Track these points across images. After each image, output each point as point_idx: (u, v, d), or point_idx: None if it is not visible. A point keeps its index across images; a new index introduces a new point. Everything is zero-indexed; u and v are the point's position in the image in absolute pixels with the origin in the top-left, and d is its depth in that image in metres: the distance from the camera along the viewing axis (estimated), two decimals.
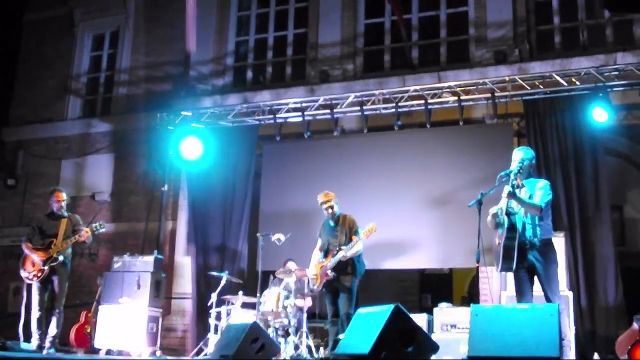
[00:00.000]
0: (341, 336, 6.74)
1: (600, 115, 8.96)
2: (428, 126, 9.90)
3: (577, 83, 9.30)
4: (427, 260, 9.80)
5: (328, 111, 10.33)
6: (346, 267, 7.76)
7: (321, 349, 8.44)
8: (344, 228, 7.91)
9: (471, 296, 11.47)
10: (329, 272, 7.75)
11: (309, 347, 8.25)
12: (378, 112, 10.24)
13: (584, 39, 10.59)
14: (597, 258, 8.95)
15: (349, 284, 7.72)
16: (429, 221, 9.51)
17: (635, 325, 7.01)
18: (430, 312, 8.65)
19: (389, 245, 9.10)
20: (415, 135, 10.20)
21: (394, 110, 9.97)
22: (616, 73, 9.20)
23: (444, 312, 8.51)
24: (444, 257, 9.60)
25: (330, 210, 7.97)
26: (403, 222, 9.18)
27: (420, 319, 8.17)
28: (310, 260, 8.19)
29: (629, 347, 6.83)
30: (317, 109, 10.41)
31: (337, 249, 7.78)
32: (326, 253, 7.96)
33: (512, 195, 5.88)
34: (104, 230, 8.48)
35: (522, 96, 9.69)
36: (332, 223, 8.02)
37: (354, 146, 10.29)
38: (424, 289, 12.99)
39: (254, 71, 12.39)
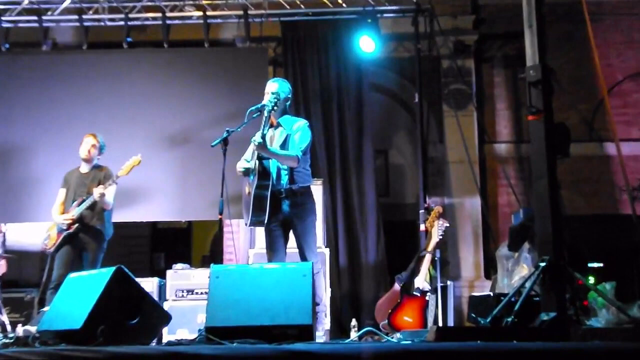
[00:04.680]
0: (47, 308, 6.40)
1: (367, 44, 9.33)
2: (166, 46, 9.78)
3: (344, 5, 9.61)
4: (161, 212, 9.62)
5: (35, 18, 9.75)
6: (94, 225, 7.50)
7: (20, 325, 7.96)
8: (97, 176, 7.67)
9: (214, 255, 11.55)
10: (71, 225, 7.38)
11: (2, 325, 7.77)
12: (102, 23, 9.87)
13: None
14: (358, 210, 9.48)
15: (96, 245, 7.47)
16: (163, 163, 9.34)
17: (396, 286, 7.46)
18: (162, 275, 8.56)
19: (118, 195, 8.75)
20: (150, 57, 9.94)
21: (123, 22, 9.69)
22: None
23: (180, 274, 8.44)
24: (182, 207, 9.49)
25: (87, 154, 7.69)
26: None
27: (149, 284, 8.10)
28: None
29: (390, 311, 7.23)
30: (20, 14, 9.79)
31: (85, 196, 7.44)
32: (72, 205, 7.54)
33: (262, 147, 5.87)
34: None
35: (279, 17, 9.86)
36: (84, 169, 7.70)
37: (70, 65, 9.75)
38: (155, 247, 12.92)
39: None
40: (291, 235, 6.19)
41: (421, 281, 7.30)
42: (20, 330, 7.60)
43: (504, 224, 9.98)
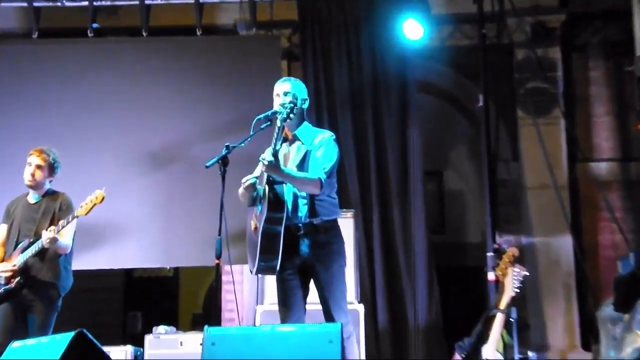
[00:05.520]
0: None
1: (414, 30, 9.33)
2: (145, 34, 9.85)
3: None
4: (138, 256, 9.62)
5: None
6: (44, 278, 7.33)
7: None
8: (51, 207, 7.50)
9: (208, 314, 11.54)
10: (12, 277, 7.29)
11: None
12: (59, 3, 9.93)
13: None
14: (402, 252, 9.42)
15: (45, 305, 7.29)
16: (141, 190, 9.39)
17: (457, 357, 7.37)
18: (139, 342, 8.57)
19: (80, 233, 8.71)
20: (123, 48, 10.00)
21: (86, 2, 9.76)
22: None
23: (163, 341, 8.45)
24: (166, 249, 9.50)
25: (31, 179, 7.52)
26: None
27: (121, 354, 8.10)
28: None
29: None
30: None
31: (32, 239, 7.34)
32: (16, 247, 7.46)
33: (273, 167, 5.80)
34: None
35: None
36: (32, 199, 7.59)
37: (15, 59, 9.85)
38: (130, 304, 12.93)
39: None
40: (312, 286, 6.10)
41: (491, 351, 7.19)
42: None
43: (608, 273, 9.88)
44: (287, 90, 6.13)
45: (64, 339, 5.14)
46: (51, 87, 9.62)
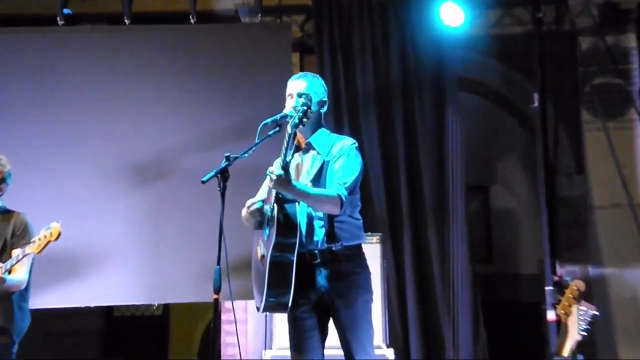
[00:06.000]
0: None
1: (453, 15, 9.33)
2: (127, 22, 9.85)
3: None
4: (118, 291, 9.55)
5: None
6: None
7: None
8: (3, 230, 7.41)
9: (205, 359, 11.48)
10: None
11: None
12: None
13: None
14: (440, 284, 9.39)
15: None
16: (124, 211, 9.34)
17: None
18: None
19: (44, 261, 8.71)
20: (102, 39, 9.96)
21: None
22: None
23: None
24: (153, 283, 9.45)
25: None
26: (70, 214, 8.82)
27: None
28: None
29: None
30: None
31: None
32: None
33: (283, 182, 5.74)
34: None
35: None
36: None
37: None
38: (110, 349, 12.94)
39: None
40: (331, 326, 6.04)
41: None
42: None
43: None
44: (301, 91, 6.07)
45: None
46: (12, 84, 9.57)
